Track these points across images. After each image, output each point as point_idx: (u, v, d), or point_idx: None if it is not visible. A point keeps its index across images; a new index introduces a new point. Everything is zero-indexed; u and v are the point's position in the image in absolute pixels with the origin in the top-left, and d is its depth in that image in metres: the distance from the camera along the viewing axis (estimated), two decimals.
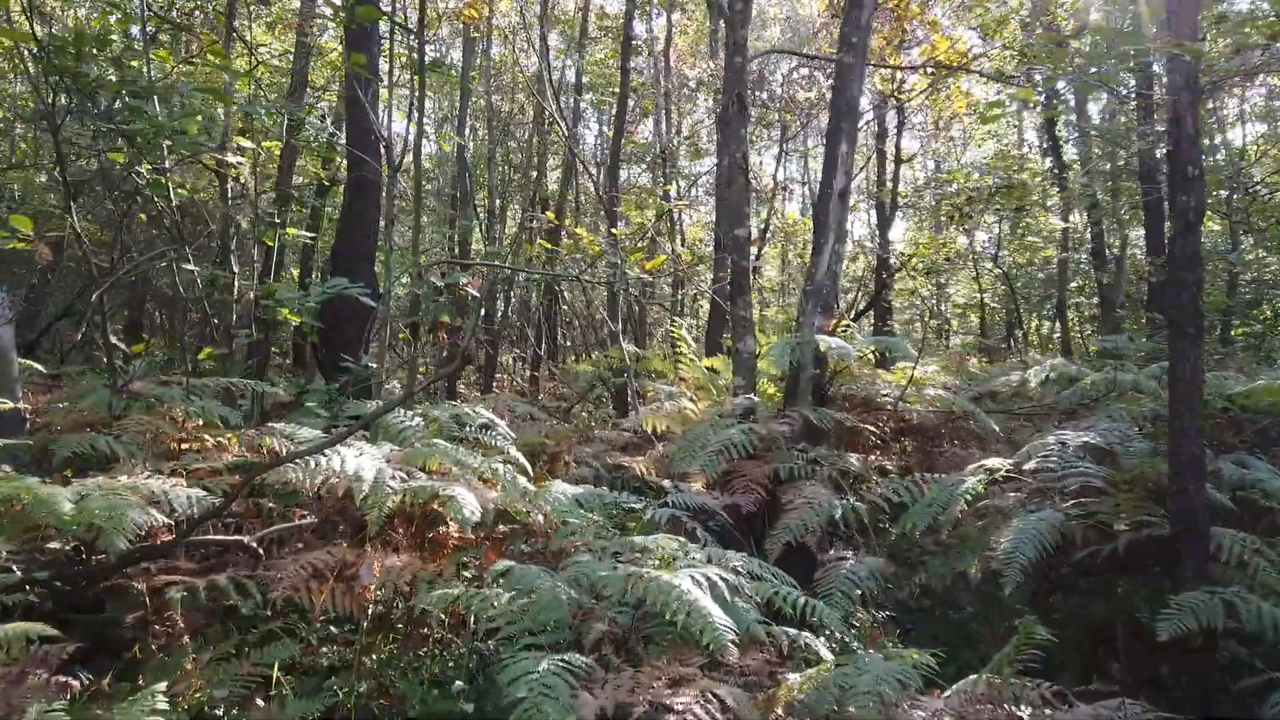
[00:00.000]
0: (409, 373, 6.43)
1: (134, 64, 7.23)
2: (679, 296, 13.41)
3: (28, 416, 4.63)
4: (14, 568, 2.78)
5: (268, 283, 6.64)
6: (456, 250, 13.43)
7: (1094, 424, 5.09)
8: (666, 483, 5.02)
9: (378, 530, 4.10)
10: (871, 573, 4.60)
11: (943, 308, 20.20)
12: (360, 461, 4.17)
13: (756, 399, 6.02)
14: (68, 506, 3.11)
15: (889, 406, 6.10)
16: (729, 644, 2.81)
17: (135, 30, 8.73)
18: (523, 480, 4.86)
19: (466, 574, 4.38)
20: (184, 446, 5.09)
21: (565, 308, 16.27)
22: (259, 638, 3.97)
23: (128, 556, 3.38)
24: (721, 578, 3.19)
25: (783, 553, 4.74)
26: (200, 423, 5.38)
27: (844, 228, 5.98)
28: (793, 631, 3.51)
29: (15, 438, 4.48)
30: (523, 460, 5.37)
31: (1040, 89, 11.75)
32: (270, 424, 5.51)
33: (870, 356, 6.19)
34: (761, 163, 24.77)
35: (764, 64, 18.47)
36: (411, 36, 8.33)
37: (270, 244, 7.45)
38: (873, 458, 5.73)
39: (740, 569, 3.51)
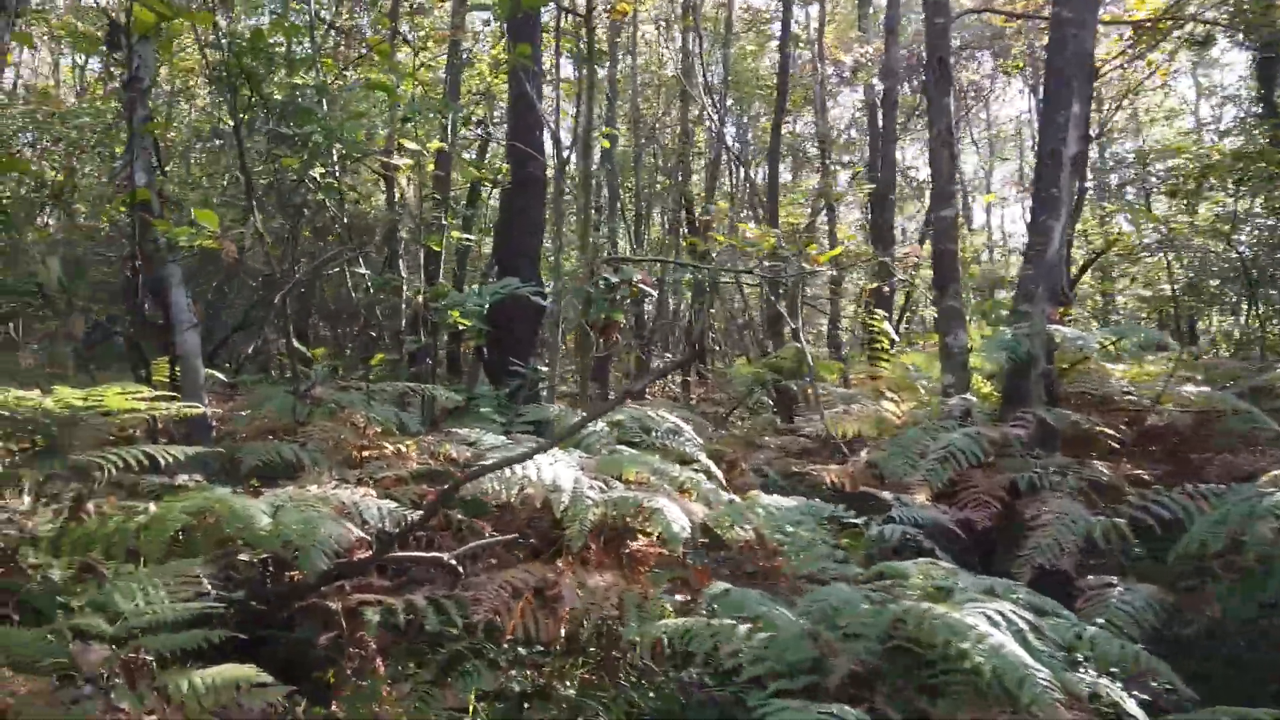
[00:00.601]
0: (580, 376, 6.06)
1: (301, 76, 7.24)
2: (837, 292, 12.66)
3: (214, 424, 4.49)
4: (208, 587, 2.49)
5: (437, 284, 6.43)
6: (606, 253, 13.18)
7: None
8: (886, 494, 4.40)
9: (580, 546, 3.69)
10: (1147, 602, 3.84)
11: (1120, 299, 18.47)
12: (556, 470, 3.78)
13: (973, 399, 5.31)
14: (264, 521, 2.83)
15: (1134, 406, 5.26)
16: (1055, 702, 2.21)
17: (303, 44, 8.84)
18: (724, 491, 4.38)
19: (657, 591, 3.91)
20: (365, 454, 4.88)
21: (713, 309, 15.76)
22: (448, 658, 3.65)
23: (325, 574, 3.08)
24: (1016, 614, 2.58)
25: (1033, 577, 4.05)
26: (379, 429, 5.17)
27: (1073, 199, 5.21)
28: (1089, 678, 2.86)
29: (202, 444, 4.34)
30: (715, 469, 4.88)
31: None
32: (452, 430, 5.25)
33: (1111, 349, 5.37)
34: (905, 155, 23.54)
35: (918, 48, 17.44)
36: (567, 19, 8.02)
37: (437, 248, 7.28)
38: (1119, 466, 4.92)
39: (1023, 601, 2.88)
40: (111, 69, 9.88)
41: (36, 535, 2.76)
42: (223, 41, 5.09)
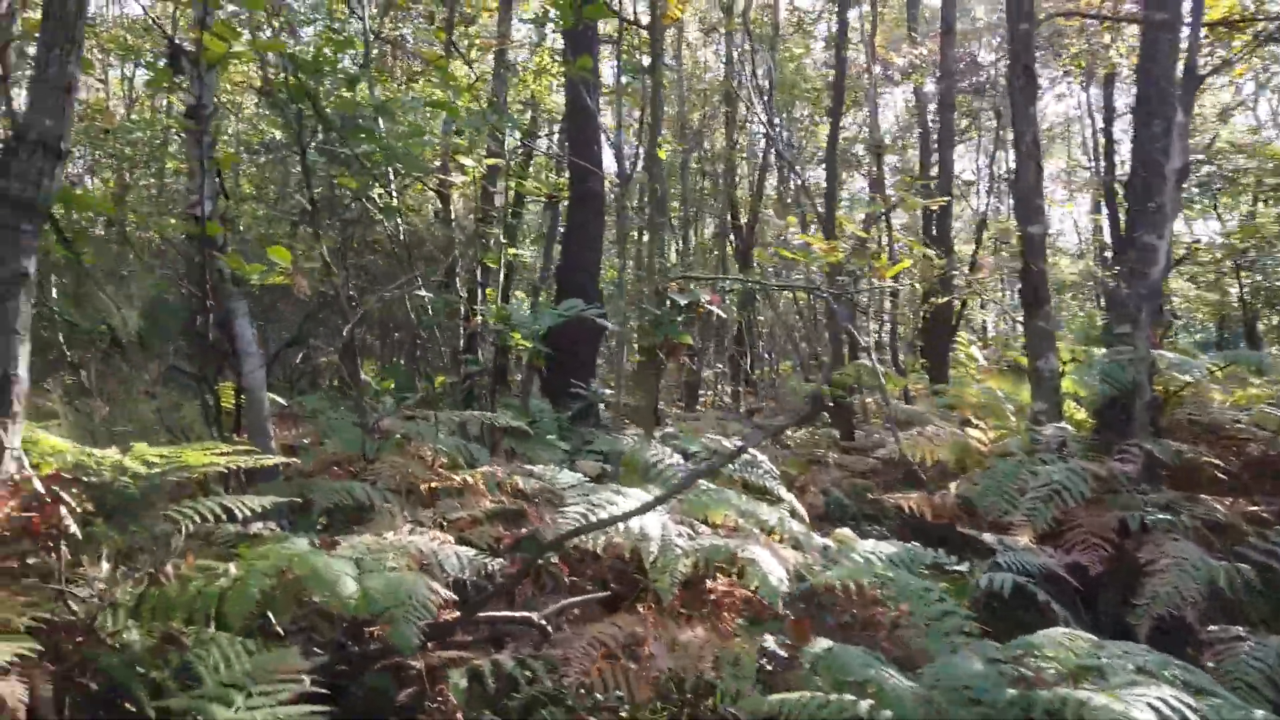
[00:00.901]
0: (647, 400, 5.86)
1: (357, 90, 7.10)
2: (896, 304, 12.33)
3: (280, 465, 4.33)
4: (308, 683, 2.32)
5: (498, 306, 6.26)
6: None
7: None
8: (988, 536, 4.14)
9: (668, 598, 3.47)
10: None
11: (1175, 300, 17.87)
12: (644, 516, 3.57)
13: (1068, 428, 5.02)
14: (351, 587, 2.66)
15: (1244, 434, 4.93)
16: None
17: (348, 58, 8.70)
18: (816, 535, 4.14)
19: (751, 647, 3.68)
20: (434, 486, 4.72)
21: (761, 319, 15.52)
22: (524, 703, 3.47)
23: None
24: (1180, 701, 2.32)
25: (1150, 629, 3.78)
26: (445, 460, 5.01)
27: (1177, 214, 4.90)
28: None
29: (269, 483, 4.20)
30: (798, 505, 4.64)
31: None
32: (519, 463, 5.08)
33: (1219, 374, 5.05)
34: (963, 157, 23.04)
35: (973, 45, 17.01)
36: (627, 29, 7.79)
37: (494, 265, 7.12)
38: (1233, 502, 4.60)
39: (1180, 679, 2.61)
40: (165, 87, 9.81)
41: (116, 602, 2.61)
42: (281, 60, 4.96)
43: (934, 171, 12.41)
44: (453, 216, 7.67)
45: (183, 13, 13.12)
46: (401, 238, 6.29)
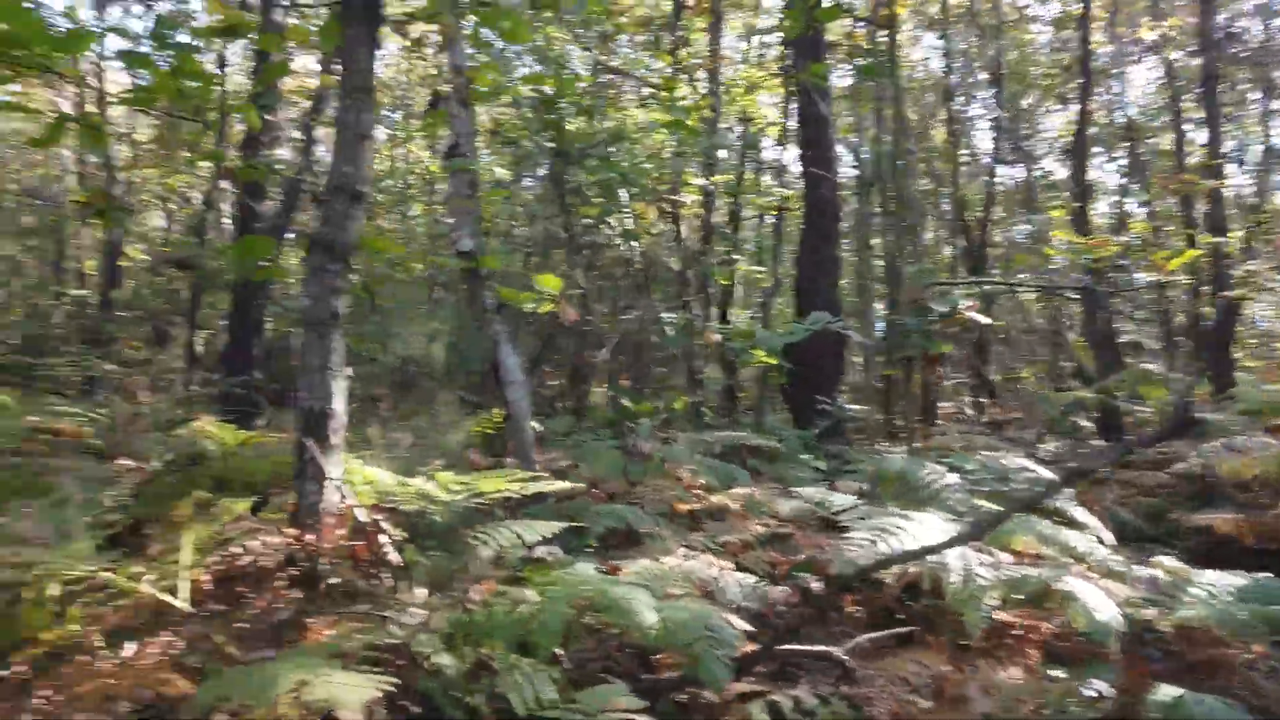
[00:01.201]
0: (906, 416, 5.50)
1: (591, 122, 7.29)
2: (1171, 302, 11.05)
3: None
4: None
5: (740, 326, 6.14)
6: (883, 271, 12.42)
7: None
8: None
9: (975, 633, 3.14)
10: None
11: None
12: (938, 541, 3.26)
13: None
14: (651, 618, 2.59)
15: None
16: None
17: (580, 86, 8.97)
18: (1131, 562, 3.65)
19: (1074, 692, 3.24)
20: (694, 509, 4.63)
21: (1001, 323, 14.45)
22: None
23: None
24: None
25: None
26: (701, 481, 4.92)
27: None
28: None
29: (539, 508, 4.27)
30: (1105, 531, 4.12)
31: None
32: (781, 484, 4.90)
33: None
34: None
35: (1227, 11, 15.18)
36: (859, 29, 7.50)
37: (725, 282, 7.02)
38: None
39: None
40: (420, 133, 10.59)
41: (431, 627, 2.68)
42: (535, 94, 5.14)
43: (1190, 152, 11.09)
44: (682, 236, 7.66)
45: (414, 65, 14.27)
46: (639, 262, 6.33)
